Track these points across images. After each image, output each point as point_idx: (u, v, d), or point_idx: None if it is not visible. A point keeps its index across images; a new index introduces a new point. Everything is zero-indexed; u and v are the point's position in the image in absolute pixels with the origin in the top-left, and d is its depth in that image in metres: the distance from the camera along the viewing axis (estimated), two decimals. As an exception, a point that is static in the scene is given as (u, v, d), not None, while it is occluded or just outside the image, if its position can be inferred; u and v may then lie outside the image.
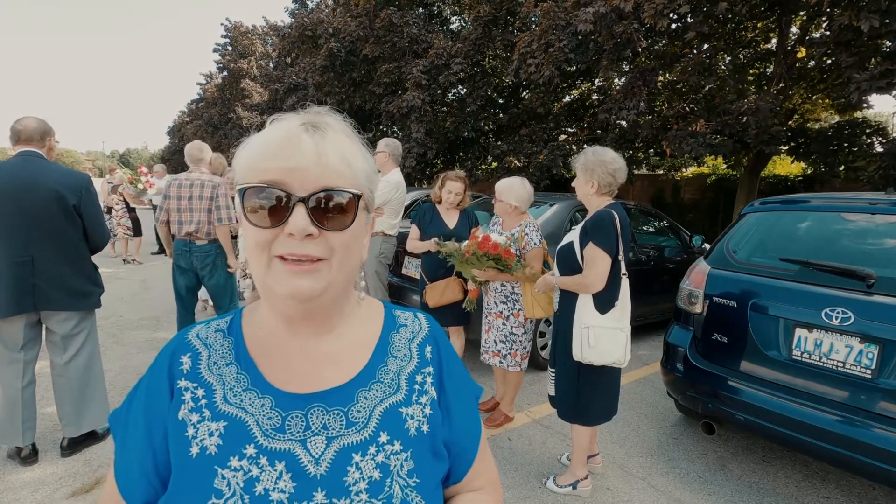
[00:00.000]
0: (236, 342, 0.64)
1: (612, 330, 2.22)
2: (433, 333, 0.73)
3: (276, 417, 0.60)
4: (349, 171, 0.57)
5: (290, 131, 0.56)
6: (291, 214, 0.54)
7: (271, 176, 0.55)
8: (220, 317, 0.69)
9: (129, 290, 6.50)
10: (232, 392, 0.61)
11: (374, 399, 0.63)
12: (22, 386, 2.44)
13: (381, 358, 0.67)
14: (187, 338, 0.65)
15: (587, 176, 2.31)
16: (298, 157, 0.55)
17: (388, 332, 0.70)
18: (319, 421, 0.60)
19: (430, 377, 0.68)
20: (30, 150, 2.42)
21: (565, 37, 7.93)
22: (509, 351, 2.95)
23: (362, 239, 0.63)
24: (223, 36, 25.72)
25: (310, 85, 14.07)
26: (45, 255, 2.41)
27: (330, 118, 0.61)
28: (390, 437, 0.62)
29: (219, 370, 0.62)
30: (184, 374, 0.61)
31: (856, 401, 2.14)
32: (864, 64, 6.16)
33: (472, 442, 0.71)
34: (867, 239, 2.43)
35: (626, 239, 2.26)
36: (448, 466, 0.68)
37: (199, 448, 0.57)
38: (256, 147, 0.57)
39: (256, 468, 0.57)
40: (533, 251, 2.85)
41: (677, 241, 5.46)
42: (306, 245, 0.55)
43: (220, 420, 0.59)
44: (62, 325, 2.54)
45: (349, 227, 0.57)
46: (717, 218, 10.82)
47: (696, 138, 7.42)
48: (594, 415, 2.38)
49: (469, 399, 0.73)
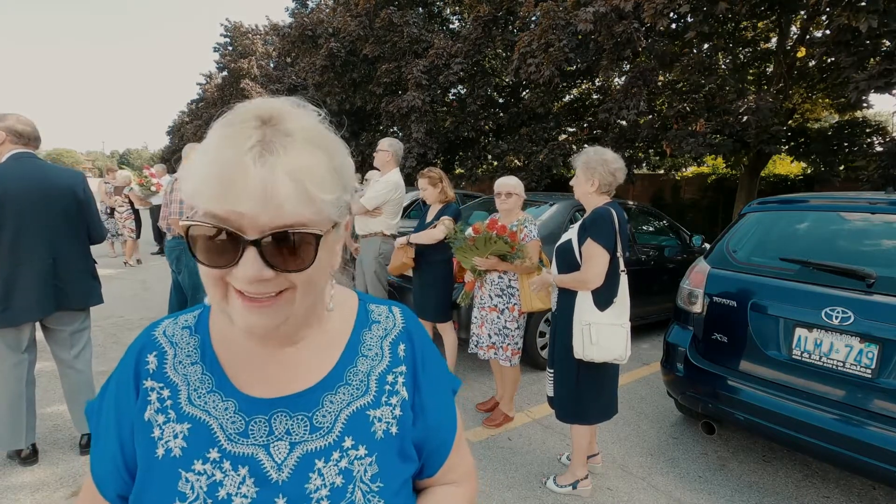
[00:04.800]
0: (202, 341, 0.63)
1: (612, 326, 2.23)
2: (407, 330, 0.70)
3: (240, 422, 0.59)
4: (308, 204, 0.49)
5: (235, 161, 0.46)
6: (241, 258, 0.48)
7: (218, 212, 0.47)
8: (189, 310, 0.67)
9: (129, 290, 6.50)
10: (196, 393, 0.60)
11: (340, 403, 0.62)
12: (26, 387, 2.44)
13: (350, 358, 0.65)
14: (154, 335, 0.63)
15: (588, 174, 2.32)
16: (245, 199, 0.46)
17: (359, 329, 0.68)
18: (283, 426, 0.59)
19: (402, 377, 0.66)
20: (28, 152, 2.42)
21: (565, 36, 7.93)
22: (501, 345, 2.97)
23: (328, 261, 0.57)
24: (223, 36, 25.71)
25: (310, 85, 14.07)
26: (63, 256, 2.45)
27: (291, 122, 0.51)
28: (355, 442, 0.61)
29: (184, 370, 0.61)
30: (150, 374, 0.60)
31: (856, 400, 2.14)
32: (864, 64, 6.16)
33: (448, 438, 0.70)
34: (867, 238, 2.43)
35: (623, 236, 2.27)
36: (416, 467, 0.67)
37: (165, 450, 0.57)
38: (199, 178, 0.48)
39: (220, 472, 0.56)
40: (531, 242, 2.88)
41: (677, 240, 5.46)
42: (262, 285, 0.50)
43: (185, 422, 0.58)
44: (72, 321, 2.56)
45: (311, 266, 0.51)
46: (717, 218, 10.82)
47: (696, 138, 7.42)
48: (593, 414, 2.38)
49: (445, 394, 0.71)
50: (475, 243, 2.85)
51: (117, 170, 9.11)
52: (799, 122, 9.20)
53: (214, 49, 25.99)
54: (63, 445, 2.68)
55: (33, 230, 2.35)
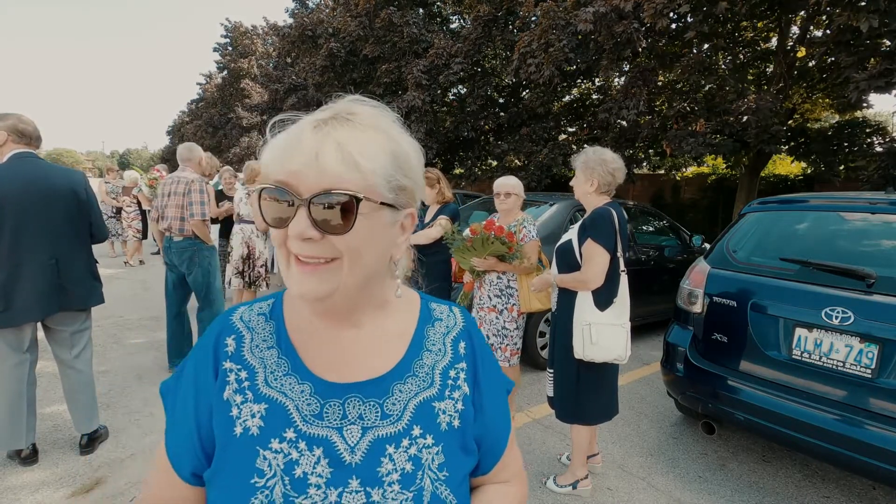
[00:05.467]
0: (277, 327, 0.66)
1: (612, 326, 2.23)
2: (467, 329, 0.74)
3: (315, 404, 0.61)
4: (352, 171, 0.54)
5: (297, 131, 0.56)
6: (294, 217, 0.54)
7: (280, 177, 0.55)
8: (262, 299, 0.70)
9: (129, 291, 6.51)
10: (273, 376, 0.62)
11: (408, 392, 0.65)
12: (27, 387, 2.44)
13: (416, 352, 0.68)
14: (231, 320, 0.66)
15: (587, 174, 2.32)
16: (297, 159, 0.54)
17: (423, 325, 0.71)
18: (356, 411, 0.62)
19: (464, 373, 0.69)
20: (30, 152, 2.42)
21: (565, 36, 7.93)
22: (500, 345, 2.96)
23: (383, 239, 0.60)
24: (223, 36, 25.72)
25: (310, 85, 14.06)
26: (66, 255, 2.45)
27: (357, 107, 0.59)
28: (423, 431, 0.63)
29: (260, 353, 0.64)
30: (228, 356, 0.63)
31: (856, 400, 2.14)
32: (864, 63, 6.16)
33: (503, 436, 0.73)
34: (867, 238, 2.43)
35: (623, 237, 2.27)
36: (476, 461, 0.69)
37: (243, 428, 0.59)
38: (270, 148, 0.58)
39: (296, 452, 0.58)
40: (530, 243, 2.88)
41: (677, 240, 5.46)
42: (311, 246, 0.55)
43: (262, 402, 0.60)
44: (73, 321, 2.56)
45: (351, 231, 0.55)
46: (717, 218, 10.82)
47: (696, 138, 7.42)
48: (593, 415, 2.38)
49: (500, 393, 0.74)
50: (473, 244, 2.84)
51: (117, 170, 9.10)
52: (799, 122, 9.20)
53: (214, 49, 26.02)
54: (63, 445, 2.68)
55: (34, 230, 2.35)
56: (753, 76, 9.42)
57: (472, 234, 2.85)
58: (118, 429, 2.88)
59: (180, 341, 3.75)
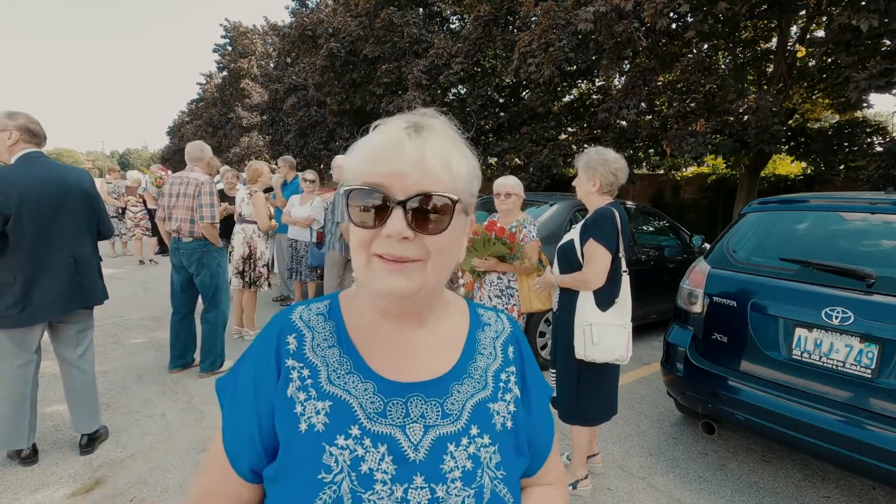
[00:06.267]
0: (337, 326, 0.67)
1: (613, 327, 2.23)
2: (515, 334, 0.76)
3: (379, 402, 0.62)
4: (448, 175, 0.58)
5: (395, 136, 0.58)
6: (390, 217, 0.56)
7: (374, 179, 0.57)
8: (318, 300, 0.72)
9: (129, 290, 6.50)
10: (336, 374, 0.63)
11: (465, 393, 0.66)
12: (31, 389, 2.44)
13: (470, 354, 0.70)
14: (291, 318, 0.67)
15: (589, 174, 2.32)
16: (400, 162, 0.56)
17: (474, 329, 0.73)
18: (418, 410, 0.63)
19: (514, 376, 0.71)
20: (40, 152, 2.44)
21: (565, 36, 7.93)
22: None
23: (459, 241, 0.65)
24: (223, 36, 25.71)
25: (310, 85, 14.05)
26: (83, 252, 2.49)
27: (434, 120, 0.62)
28: (480, 431, 0.64)
29: (322, 352, 0.65)
30: (290, 354, 0.64)
31: (856, 400, 2.14)
32: (864, 63, 6.16)
33: (548, 439, 0.75)
34: (867, 238, 2.43)
35: (625, 237, 2.26)
36: (528, 462, 0.71)
37: (308, 425, 0.60)
38: (363, 151, 0.60)
39: (361, 448, 0.59)
40: (531, 243, 2.88)
41: (677, 240, 5.46)
42: (403, 246, 0.57)
43: (326, 400, 0.62)
44: (80, 319, 2.58)
45: (445, 231, 0.58)
46: (717, 218, 10.82)
47: (696, 138, 7.41)
48: (594, 415, 2.38)
49: (546, 399, 0.76)
50: (474, 245, 2.84)
51: (119, 170, 9.11)
52: (799, 121, 9.19)
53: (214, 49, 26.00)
54: (63, 445, 2.68)
55: (53, 230, 2.37)
56: (753, 76, 9.42)
57: (474, 234, 2.85)
58: (118, 429, 2.88)
59: (186, 343, 3.75)
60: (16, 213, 2.26)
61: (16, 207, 2.25)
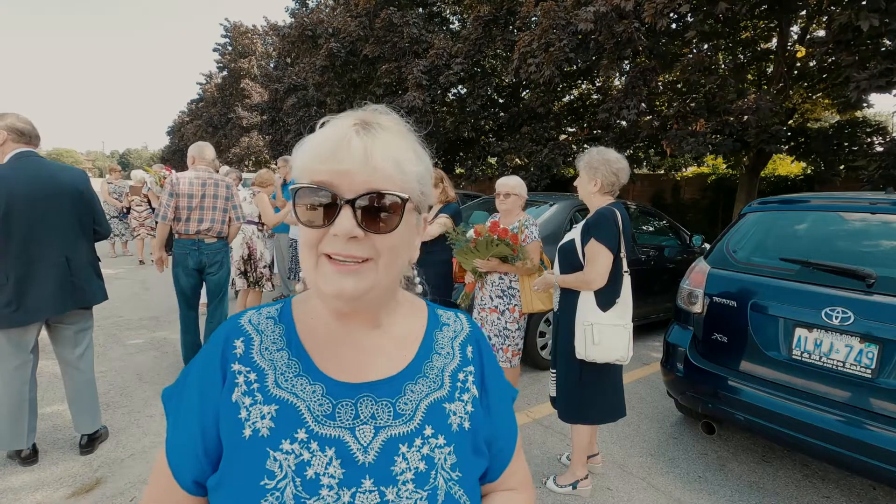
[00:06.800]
0: (287, 329, 0.66)
1: (614, 327, 2.23)
2: (474, 334, 0.75)
3: (327, 404, 0.61)
4: (398, 173, 0.57)
5: (342, 133, 0.57)
6: (338, 216, 0.55)
7: (322, 177, 0.56)
8: (270, 304, 0.70)
9: (129, 290, 6.50)
10: (283, 377, 0.62)
11: (419, 393, 0.65)
12: (29, 388, 2.44)
13: (426, 354, 0.69)
14: (240, 322, 0.66)
15: (591, 174, 2.32)
16: (347, 160, 0.55)
17: (432, 329, 0.72)
18: (368, 410, 0.62)
19: (472, 376, 0.70)
20: (32, 151, 2.43)
21: (565, 36, 7.92)
22: (501, 346, 2.97)
23: (411, 240, 0.64)
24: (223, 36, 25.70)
25: (310, 85, 14.04)
26: (76, 253, 2.47)
27: (385, 118, 0.61)
28: (435, 431, 0.63)
29: (270, 355, 0.63)
30: (237, 358, 0.63)
31: (856, 400, 2.14)
32: (865, 63, 6.16)
33: (510, 442, 0.74)
34: (867, 238, 2.43)
35: (627, 237, 2.26)
36: (487, 464, 0.69)
37: (252, 430, 0.59)
38: (310, 148, 0.58)
39: (307, 452, 0.58)
40: (532, 244, 2.89)
41: (677, 240, 5.46)
42: (351, 246, 0.56)
43: (272, 403, 0.60)
44: (78, 319, 2.57)
45: (395, 230, 0.57)
46: (717, 218, 10.82)
47: (696, 137, 7.41)
48: (596, 414, 2.38)
49: (507, 400, 0.75)
50: (476, 246, 2.85)
51: (120, 170, 9.08)
52: (799, 121, 9.19)
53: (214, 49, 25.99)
54: (63, 445, 2.68)
55: (45, 229, 2.36)
56: (753, 76, 9.42)
57: (477, 235, 2.85)
58: (118, 429, 2.88)
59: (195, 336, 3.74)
60: (5, 213, 2.25)
61: (5, 207, 2.24)
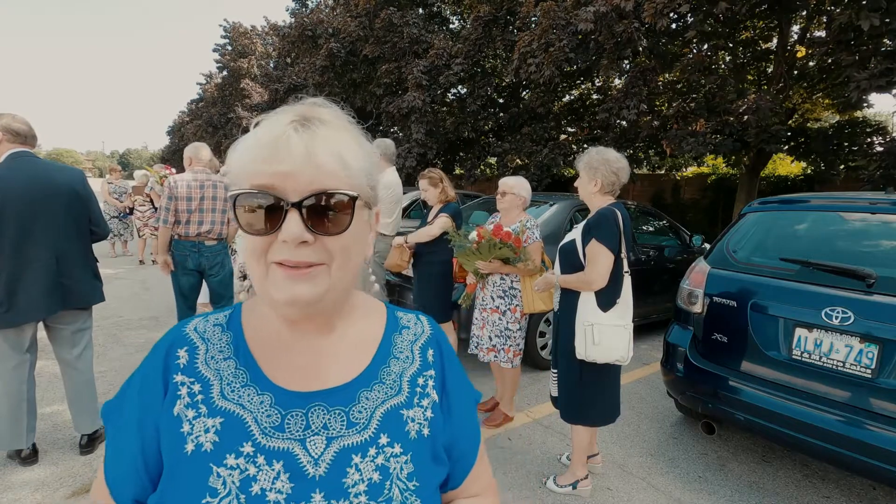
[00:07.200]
0: (235, 337, 0.62)
1: (614, 327, 2.22)
2: (435, 336, 0.72)
3: (276, 415, 0.58)
4: (343, 169, 0.54)
5: (279, 131, 0.53)
6: (284, 221, 0.52)
7: (263, 180, 0.52)
8: (219, 311, 0.66)
9: (129, 290, 6.50)
10: (230, 387, 0.59)
11: (375, 400, 0.62)
12: (27, 388, 2.44)
13: (383, 358, 0.66)
14: (184, 331, 0.62)
15: (591, 174, 2.32)
16: (288, 160, 0.51)
17: (390, 332, 0.69)
18: (320, 420, 0.59)
19: (432, 380, 0.67)
20: (27, 151, 2.42)
21: (565, 36, 7.93)
22: (503, 346, 2.96)
23: (363, 239, 0.60)
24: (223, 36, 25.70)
25: (310, 85, 14.05)
26: (67, 254, 2.45)
27: (325, 111, 0.58)
28: (391, 439, 0.61)
29: (216, 365, 0.60)
30: (180, 369, 0.59)
31: (856, 400, 2.14)
32: (865, 63, 6.16)
33: (472, 446, 0.71)
34: (867, 238, 2.43)
35: (627, 237, 2.26)
36: (447, 471, 0.67)
37: (195, 445, 0.55)
38: (246, 150, 0.54)
39: (253, 467, 0.55)
40: (534, 245, 2.89)
41: (677, 240, 5.46)
42: (302, 251, 0.53)
43: (217, 416, 0.57)
44: (74, 320, 2.56)
45: (346, 231, 0.54)
46: (717, 218, 10.82)
47: (696, 138, 7.42)
48: (597, 416, 2.38)
49: (470, 403, 0.72)
50: (479, 248, 2.85)
51: (120, 170, 9.05)
52: (799, 121, 9.20)
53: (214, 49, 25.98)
54: (63, 445, 2.68)
55: (37, 229, 2.34)
56: (753, 76, 9.43)
57: (479, 238, 2.85)
58: (118, 429, 2.88)
59: None
60: None
61: None
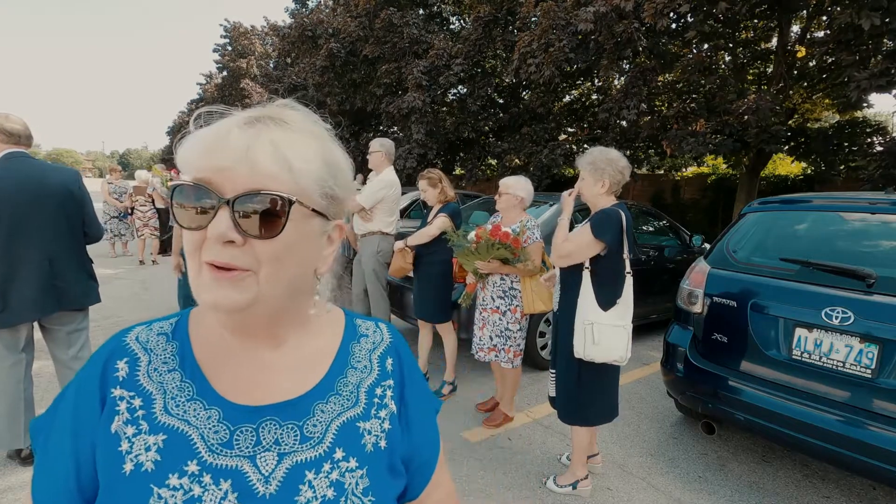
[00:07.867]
0: (181, 347, 0.59)
1: (614, 327, 2.22)
2: (395, 345, 0.70)
3: (224, 431, 0.55)
4: (286, 172, 0.50)
5: (224, 126, 0.51)
6: (214, 217, 0.49)
7: (202, 174, 0.50)
8: (164, 318, 0.62)
9: (128, 291, 6.50)
10: (174, 402, 0.55)
11: (331, 413, 0.60)
12: (24, 387, 2.44)
13: (340, 369, 0.63)
14: (125, 341, 0.58)
15: (597, 175, 2.29)
16: (225, 155, 0.49)
17: (348, 341, 0.67)
18: (271, 436, 0.56)
19: (391, 390, 0.65)
20: (21, 151, 2.41)
21: (565, 36, 7.93)
22: (503, 347, 2.97)
23: (306, 250, 0.55)
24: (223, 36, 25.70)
25: (310, 85, 14.05)
26: (61, 255, 2.44)
27: (292, 113, 0.56)
28: (346, 454, 0.58)
29: (160, 377, 0.56)
30: (119, 382, 0.55)
31: (856, 400, 2.14)
32: (865, 63, 6.16)
33: (431, 457, 0.69)
34: (867, 238, 2.43)
35: (629, 238, 2.26)
36: (405, 483, 0.65)
37: (134, 465, 0.52)
38: (190, 143, 0.52)
39: (199, 487, 0.52)
40: (534, 245, 2.89)
41: (677, 240, 5.46)
42: (229, 251, 0.50)
43: (159, 433, 0.53)
44: (70, 321, 2.56)
45: (278, 236, 0.50)
46: (717, 218, 10.82)
47: (696, 138, 7.42)
48: (595, 416, 2.38)
49: (429, 413, 0.71)
50: (477, 248, 2.85)
51: (120, 170, 9.04)
52: (799, 121, 9.20)
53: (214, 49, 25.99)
54: (63, 445, 2.68)
55: (29, 230, 2.33)
56: (753, 76, 9.43)
57: (478, 238, 2.85)
58: (118, 429, 2.88)
59: None
60: None
61: None
